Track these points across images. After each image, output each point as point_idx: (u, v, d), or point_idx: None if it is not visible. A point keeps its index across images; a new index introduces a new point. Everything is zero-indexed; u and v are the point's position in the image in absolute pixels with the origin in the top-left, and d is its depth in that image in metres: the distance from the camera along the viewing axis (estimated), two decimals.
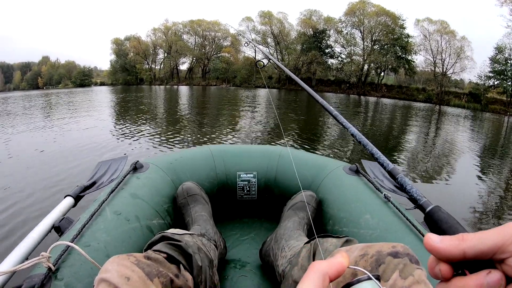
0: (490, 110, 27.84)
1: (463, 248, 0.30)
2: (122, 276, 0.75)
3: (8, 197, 4.11)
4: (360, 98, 30.82)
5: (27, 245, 1.02)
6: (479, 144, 9.92)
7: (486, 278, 0.29)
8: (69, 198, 1.35)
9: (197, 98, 23.27)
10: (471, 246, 0.29)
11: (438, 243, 0.31)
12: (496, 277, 0.28)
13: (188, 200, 1.49)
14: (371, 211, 1.28)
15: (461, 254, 0.30)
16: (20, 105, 17.88)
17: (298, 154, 1.87)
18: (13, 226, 3.34)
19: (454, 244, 0.30)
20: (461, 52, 33.54)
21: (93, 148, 6.71)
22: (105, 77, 54.06)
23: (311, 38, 39.69)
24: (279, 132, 8.85)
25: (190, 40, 47.68)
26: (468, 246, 0.30)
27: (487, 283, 0.28)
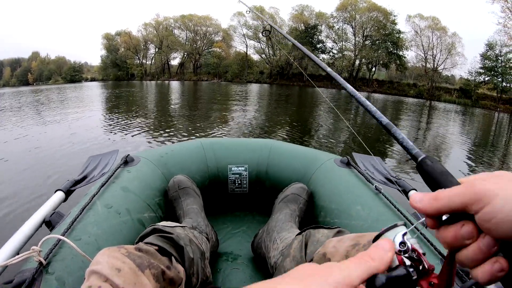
0: (480, 105, 28.10)
1: (436, 207, 0.35)
2: (113, 267, 0.75)
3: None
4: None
5: (18, 240, 1.01)
6: (470, 139, 10.01)
7: (461, 229, 0.34)
8: (59, 192, 1.34)
9: (189, 93, 23.16)
10: (443, 205, 0.35)
11: (418, 203, 0.37)
12: (467, 229, 0.34)
13: (180, 193, 1.48)
14: (362, 202, 1.29)
15: (436, 211, 0.36)
16: (9, 103, 17.62)
17: (289, 147, 1.87)
18: (3, 221, 3.32)
19: (430, 203, 0.36)
20: (452, 48, 33.77)
21: (83, 143, 6.65)
22: (96, 73, 53.51)
23: (303, 33, 39.66)
24: (271, 126, 8.87)
25: (181, 35, 47.42)
26: (441, 205, 0.35)
27: (461, 234, 0.34)
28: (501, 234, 0.31)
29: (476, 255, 0.33)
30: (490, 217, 0.31)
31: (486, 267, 0.33)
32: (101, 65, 50.88)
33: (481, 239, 0.33)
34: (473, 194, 0.33)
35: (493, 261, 0.33)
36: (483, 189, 0.33)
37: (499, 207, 0.31)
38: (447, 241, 0.36)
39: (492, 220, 0.31)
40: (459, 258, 0.35)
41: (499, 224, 0.31)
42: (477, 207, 0.33)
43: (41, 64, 54.58)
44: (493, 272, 0.32)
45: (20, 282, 0.81)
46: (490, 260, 0.33)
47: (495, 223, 0.31)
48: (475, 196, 0.33)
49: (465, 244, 0.34)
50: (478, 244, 0.33)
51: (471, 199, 0.33)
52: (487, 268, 0.33)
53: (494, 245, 0.33)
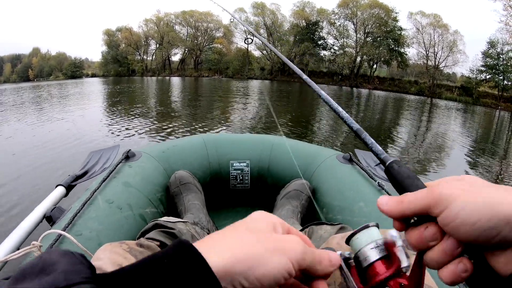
0: (481, 103, 27.99)
1: (401, 210, 0.37)
2: (114, 263, 0.74)
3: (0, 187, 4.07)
4: (353, 90, 30.84)
5: (18, 235, 1.01)
6: (471, 137, 10.00)
7: (425, 231, 0.36)
8: (60, 187, 1.33)
9: (190, 89, 23.12)
10: (406, 208, 0.37)
11: (384, 205, 0.39)
12: (431, 232, 0.35)
13: (181, 189, 1.48)
14: (364, 199, 1.29)
15: (400, 214, 0.37)
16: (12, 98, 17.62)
17: (291, 143, 1.86)
18: (3, 216, 3.32)
19: (394, 206, 0.38)
20: (454, 46, 33.59)
21: (84, 139, 6.65)
22: (97, 69, 53.26)
23: (304, 30, 39.51)
24: (272, 122, 8.85)
25: (182, 31, 47.18)
26: (405, 207, 0.37)
27: (425, 236, 0.35)
28: (461, 237, 0.33)
29: (440, 257, 0.34)
30: (449, 220, 0.33)
31: (450, 267, 0.34)
32: (102, 61, 50.69)
33: (444, 241, 0.34)
34: (434, 198, 0.34)
35: (457, 262, 0.34)
36: (443, 193, 0.34)
37: (457, 211, 0.32)
38: (413, 243, 0.37)
39: (451, 223, 0.32)
40: (426, 259, 0.36)
41: (458, 227, 0.32)
42: (437, 210, 0.34)
43: (41, 60, 54.37)
44: (457, 273, 0.33)
45: None
46: (454, 261, 0.34)
47: (454, 227, 0.32)
48: (435, 199, 0.34)
49: (430, 246, 0.35)
50: (442, 245, 0.34)
51: (431, 202, 0.34)
52: (451, 269, 0.34)
53: (457, 246, 0.34)
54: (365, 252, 0.42)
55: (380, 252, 0.41)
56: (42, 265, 0.28)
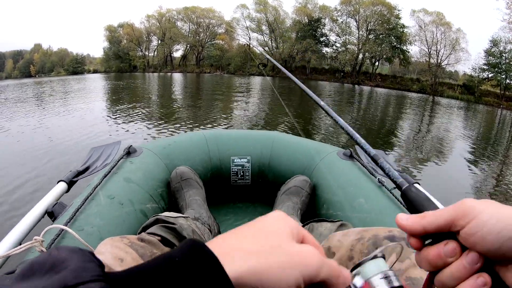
0: (483, 102, 27.90)
1: (423, 225, 0.37)
2: (115, 257, 0.75)
3: (2, 182, 4.08)
4: (354, 87, 30.80)
5: (20, 231, 1.01)
6: (473, 135, 9.98)
7: (444, 248, 0.35)
8: (62, 183, 1.33)
9: (191, 85, 23.11)
10: (430, 222, 0.36)
11: (405, 221, 0.38)
12: (451, 247, 0.35)
13: (182, 184, 1.48)
14: (365, 195, 1.29)
15: (422, 229, 0.37)
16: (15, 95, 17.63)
17: (292, 139, 1.86)
18: (5, 211, 3.33)
19: (416, 221, 0.37)
20: (456, 44, 33.47)
21: (86, 135, 6.67)
22: (98, 65, 53.24)
23: (306, 26, 39.41)
24: (274, 118, 8.85)
25: (184, 27, 47.13)
26: (427, 222, 0.36)
27: (444, 252, 0.35)
28: (486, 247, 0.33)
29: (460, 272, 0.34)
30: (476, 230, 0.33)
31: (469, 282, 0.34)
32: (104, 57, 50.67)
33: (464, 256, 0.34)
34: (461, 210, 0.34)
35: (476, 276, 0.33)
36: (471, 205, 0.34)
37: (485, 221, 0.32)
38: (429, 260, 0.37)
39: (478, 233, 0.33)
40: (441, 278, 0.36)
41: (484, 237, 0.32)
42: (464, 221, 0.34)
43: (43, 56, 54.29)
44: (477, 287, 0.33)
45: None
46: (473, 276, 0.34)
47: (480, 236, 0.32)
48: (463, 211, 0.34)
49: (447, 263, 0.35)
50: (462, 261, 0.34)
51: (458, 214, 0.34)
52: (470, 283, 0.33)
53: (477, 261, 0.34)
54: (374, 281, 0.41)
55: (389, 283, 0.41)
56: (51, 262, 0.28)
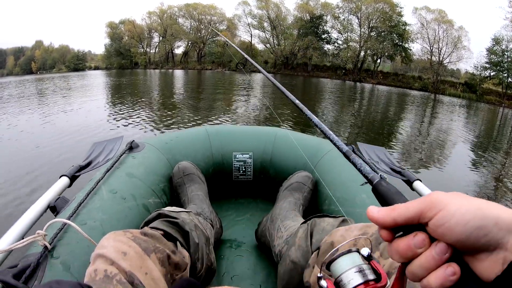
0: (485, 100, 27.82)
1: (393, 217, 0.37)
2: (118, 251, 0.75)
3: (5, 178, 4.10)
4: (356, 85, 30.74)
5: (23, 225, 1.01)
6: (474, 134, 9.97)
7: (413, 239, 0.36)
8: (64, 178, 1.34)
9: (193, 82, 23.08)
10: (399, 214, 0.37)
11: (376, 213, 0.39)
12: (420, 238, 0.36)
13: (184, 180, 1.48)
14: (367, 191, 1.28)
15: (392, 221, 0.37)
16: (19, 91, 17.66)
17: (294, 135, 1.87)
18: (7, 206, 3.34)
19: (387, 213, 0.38)
20: (458, 42, 33.36)
21: (88, 131, 6.68)
22: (100, 61, 53.11)
23: (308, 23, 39.30)
24: (275, 115, 8.84)
25: (185, 23, 46.97)
26: (397, 214, 0.37)
27: (413, 243, 0.36)
28: (454, 238, 0.33)
29: (429, 262, 0.35)
30: (444, 221, 0.34)
31: (439, 272, 0.34)
32: (105, 54, 50.56)
33: (433, 247, 0.35)
34: (429, 202, 0.35)
35: (445, 266, 0.34)
36: (439, 197, 0.35)
37: (452, 212, 0.33)
38: (400, 251, 0.37)
39: (446, 224, 0.33)
40: (411, 268, 0.37)
41: (452, 228, 0.33)
42: (432, 213, 0.35)
43: (44, 52, 54.14)
44: (446, 277, 0.34)
45: (25, 267, 0.81)
46: (442, 266, 0.34)
47: (448, 227, 0.33)
48: (431, 203, 0.35)
49: (417, 254, 0.36)
50: (431, 251, 0.35)
51: (426, 206, 0.35)
52: (439, 274, 0.34)
53: (446, 251, 0.34)
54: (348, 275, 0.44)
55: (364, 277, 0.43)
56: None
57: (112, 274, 0.71)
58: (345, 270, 0.44)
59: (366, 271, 0.44)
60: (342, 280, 0.44)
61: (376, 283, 0.43)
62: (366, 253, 0.44)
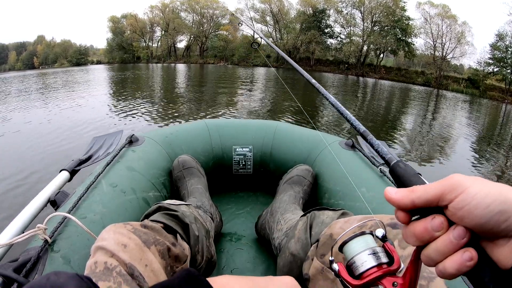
0: (488, 96, 27.67)
1: (411, 198, 0.37)
2: (119, 243, 0.75)
3: (5, 172, 4.11)
4: (359, 79, 30.65)
5: (23, 219, 1.01)
6: (477, 130, 9.94)
7: (431, 222, 0.36)
8: (64, 172, 1.34)
9: (195, 76, 23.05)
10: (418, 196, 0.36)
11: (393, 194, 0.38)
12: (438, 221, 0.35)
13: (184, 173, 1.49)
14: (367, 184, 1.29)
15: (410, 203, 0.37)
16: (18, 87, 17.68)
17: (294, 129, 1.87)
18: (7, 201, 3.35)
19: (405, 195, 0.37)
20: (462, 37, 33.17)
21: (88, 125, 6.69)
22: (102, 56, 53.12)
23: (311, 18, 39.15)
24: (277, 109, 8.84)
25: (187, 17, 46.90)
26: (416, 196, 0.37)
27: (431, 226, 0.35)
28: (473, 222, 0.33)
29: (446, 246, 0.34)
30: (464, 204, 0.33)
31: (455, 257, 0.34)
32: (107, 48, 50.57)
33: (451, 231, 0.34)
34: (450, 184, 0.35)
35: (462, 251, 0.34)
36: (459, 180, 0.35)
37: (473, 195, 0.33)
38: (416, 234, 0.37)
39: (466, 207, 0.33)
40: (427, 252, 0.36)
41: (472, 211, 0.32)
42: (452, 195, 0.34)
43: (46, 47, 54.12)
44: (463, 262, 0.33)
45: (26, 260, 0.81)
46: (459, 251, 0.34)
47: (468, 210, 0.33)
48: (451, 185, 0.34)
49: (434, 237, 0.35)
50: (448, 235, 0.34)
51: (447, 188, 0.34)
52: (456, 258, 0.34)
53: (464, 235, 0.34)
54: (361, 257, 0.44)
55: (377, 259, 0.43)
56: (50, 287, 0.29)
57: (112, 266, 0.71)
58: (358, 252, 0.44)
59: (379, 253, 0.43)
60: (355, 263, 0.44)
61: (388, 266, 0.43)
62: (381, 234, 0.44)
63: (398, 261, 0.43)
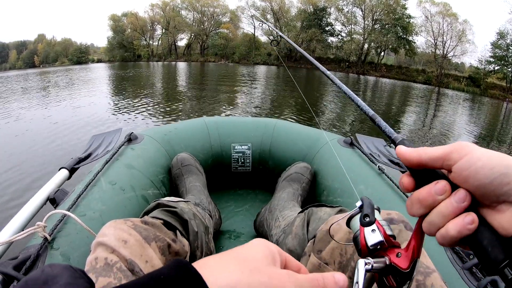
0: (489, 95, 27.64)
1: (419, 154, 0.38)
2: (119, 239, 0.75)
3: (4, 170, 4.12)
4: (360, 77, 30.63)
5: (23, 217, 1.02)
6: (478, 127, 9.93)
7: (434, 186, 0.37)
8: (64, 170, 1.34)
9: (196, 74, 23.03)
10: (426, 152, 0.38)
11: (403, 149, 0.40)
12: (441, 185, 0.36)
13: (183, 171, 1.49)
14: (365, 182, 1.29)
15: (418, 158, 0.38)
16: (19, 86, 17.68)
17: (293, 126, 1.87)
18: (6, 199, 3.36)
19: (414, 150, 0.39)
20: (463, 36, 33.15)
21: (88, 124, 6.69)
22: (102, 54, 53.22)
23: (311, 16, 39.12)
24: (278, 107, 8.83)
25: (188, 16, 46.92)
26: (424, 152, 0.38)
27: (435, 190, 0.36)
28: (477, 182, 0.34)
29: (448, 209, 0.35)
30: (470, 165, 0.34)
31: (457, 220, 0.35)
32: (108, 46, 50.60)
33: (453, 195, 0.36)
34: (456, 146, 0.36)
35: (465, 214, 0.35)
36: (465, 143, 0.36)
37: (478, 156, 0.34)
38: (420, 199, 0.37)
39: (471, 167, 0.34)
40: (429, 218, 0.37)
41: (477, 171, 0.33)
42: (458, 155, 0.35)
43: (47, 46, 54.14)
44: (465, 224, 0.34)
45: (25, 258, 0.82)
46: (461, 214, 0.35)
47: (473, 170, 0.34)
48: (457, 147, 0.36)
49: (437, 202, 0.36)
50: (450, 199, 0.35)
51: (453, 150, 0.36)
52: (458, 221, 0.35)
53: (465, 198, 0.35)
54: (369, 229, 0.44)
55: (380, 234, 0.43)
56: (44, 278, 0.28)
57: (113, 262, 0.71)
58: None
59: (385, 226, 0.44)
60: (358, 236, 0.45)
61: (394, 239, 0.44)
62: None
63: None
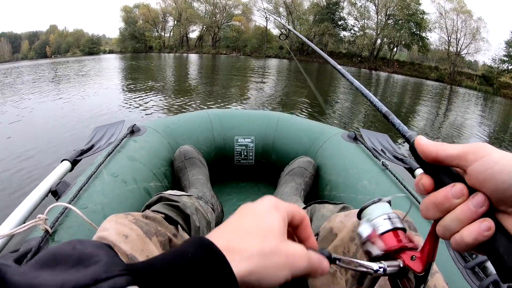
0: (502, 94, 27.16)
1: (437, 149, 0.37)
2: (120, 234, 0.75)
3: (7, 162, 4.16)
4: (371, 73, 30.34)
5: (24, 209, 1.02)
6: (490, 127, 9.81)
7: (451, 189, 0.36)
8: (66, 162, 1.34)
9: (207, 66, 23.02)
10: (444, 149, 0.37)
11: (422, 140, 0.39)
12: (458, 188, 0.35)
13: (186, 163, 1.48)
14: (368, 177, 1.28)
15: (435, 152, 0.37)
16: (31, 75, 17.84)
17: (296, 120, 1.86)
18: (8, 192, 3.39)
19: (432, 144, 0.38)
20: (477, 33, 32.61)
21: (94, 115, 6.71)
22: (114, 45, 53.24)
23: (324, 9, 38.78)
24: (288, 101, 8.81)
25: (200, 7, 46.73)
26: (442, 148, 0.37)
27: (451, 193, 0.36)
28: (494, 186, 0.33)
29: (464, 214, 0.35)
30: (487, 167, 0.33)
31: (473, 226, 0.34)
32: (119, 38, 50.65)
33: (470, 199, 0.35)
34: (473, 147, 0.35)
35: (481, 220, 0.34)
36: (483, 145, 0.35)
37: (496, 159, 0.33)
38: (437, 202, 0.37)
39: (488, 170, 0.33)
40: (444, 222, 0.36)
41: (494, 175, 0.33)
42: (475, 157, 0.34)
43: (59, 37, 54.34)
44: (481, 231, 0.33)
45: (26, 251, 0.82)
46: (477, 220, 0.34)
47: (490, 174, 0.33)
48: (475, 148, 0.35)
49: (453, 205, 0.35)
50: (467, 203, 0.35)
51: (470, 150, 0.35)
52: (474, 227, 0.34)
53: (483, 203, 0.34)
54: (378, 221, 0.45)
55: (392, 224, 0.45)
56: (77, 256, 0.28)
57: None
58: (376, 217, 0.46)
59: (394, 219, 0.45)
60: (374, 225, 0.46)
61: (405, 232, 0.45)
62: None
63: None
